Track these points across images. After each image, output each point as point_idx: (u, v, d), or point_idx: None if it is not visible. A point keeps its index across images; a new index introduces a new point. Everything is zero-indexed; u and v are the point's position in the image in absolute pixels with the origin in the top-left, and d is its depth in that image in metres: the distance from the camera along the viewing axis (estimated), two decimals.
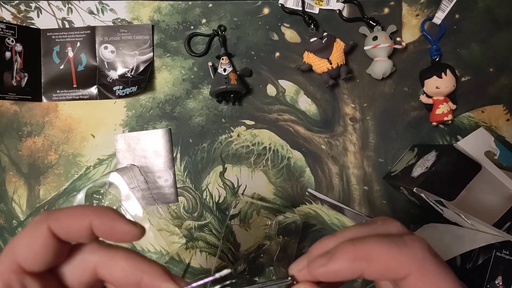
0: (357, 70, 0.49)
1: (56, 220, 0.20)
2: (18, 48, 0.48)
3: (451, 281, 0.20)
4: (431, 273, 0.20)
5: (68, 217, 0.20)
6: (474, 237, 0.33)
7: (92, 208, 0.21)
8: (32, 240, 0.20)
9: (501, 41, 0.49)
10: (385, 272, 0.20)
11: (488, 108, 0.49)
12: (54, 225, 0.20)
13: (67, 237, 0.20)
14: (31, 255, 0.20)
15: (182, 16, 0.50)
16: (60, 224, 0.20)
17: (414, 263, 0.20)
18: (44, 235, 0.20)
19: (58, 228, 0.20)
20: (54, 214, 0.20)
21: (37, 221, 0.20)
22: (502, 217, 0.41)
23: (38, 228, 0.20)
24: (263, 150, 0.49)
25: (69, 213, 0.21)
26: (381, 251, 0.20)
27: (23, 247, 0.20)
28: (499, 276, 0.39)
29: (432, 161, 0.41)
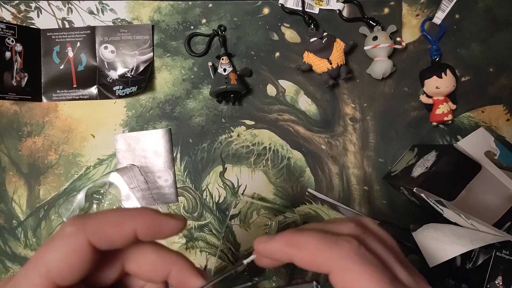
0: (357, 70, 0.49)
1: (97, 232, 0.19)
2: (18, 48, 0.48)
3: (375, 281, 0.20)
4: (353, 272, 0.20)
5: (109, 227, 0.19)
6: (474, 237, 0.33)
7: (132, 213, 0.20)
8: (69, 255, 0.18)
9: (501, 41, 0.49)
10: (310, 263, 0.21)
11: (488, 108, 0.49)
12: (94, 238, 0.19)
13: (109, 247, 0.19)
14: (68, 271, 0.18)
15: (182, 16, 0.50)
16: (102, 236, 0.19)
17: (337, 261, 0.21)
18: (84, 249, 0.18)
19: (99, 241, 0.19)
20: (93, 225, 0.19)
21: (73, 234, 0.18)
22: (502, 217, 0.41)
23: (75, 241, 0.18)
24: (263, 150, 0.49)
25: (110, 222, 0.19)
26: (310, 243, 0.21)
27: (59, 262, 0.18)
28: (499, 276, 0.39)
29: (432, 161, 0.41)
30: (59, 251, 0.18)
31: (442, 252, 0.34)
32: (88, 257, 0.18)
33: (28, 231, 0.49)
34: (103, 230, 0.19)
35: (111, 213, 0.20)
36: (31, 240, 0.49)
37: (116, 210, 0.20)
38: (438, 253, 0.34)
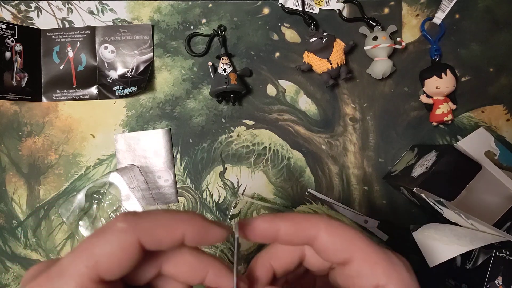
0: (357, 70, 0.49)
1: (148, 233, 0.19)
2: (18, 48, 0.48)
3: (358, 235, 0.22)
4: (338, 228, 0.22)
5: (160, 229, 0.19)
6: (474, 237, 0.33)
7: (184, 218, 0.20)
8: (118, 251, 0.18)
9: (501, 41, 0.49)
10: (298, 229, 0.22)
11: (488, 108, 0.49)
12: (144, 238, 0.19)
13: (156, 248, 0.19)
14: (115, 267, 0.18)
15: (182, 16, 0.50)
16: (152, 237, 0.19)
17: (321, 222, 0.22)
18: (133, 248, 0.19)
19: (148, 242, 0.19)
20: (143, 225, 0.19)
21: (125, 231, 0.19)
22: (502, 217, 0.41)
23: (126, 238, 0.18)
24: (263, 150, 0.49)
25: (160, 224, 0.19)
26: (294, 214, 0.23)
27: (107, 256, 0.18)
28: (499, 276, 0.39)
29: (432, 161, 0.41)
30: (110, 246, 0.18)
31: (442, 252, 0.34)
32: (136, 255, 0.19)
33: (28, 231, 0.49)
34: (154, 232, 0.19)
35: (162, 215, 0.20)
36: (31, 240, 0.49)
37: (167, 212, 0.20)
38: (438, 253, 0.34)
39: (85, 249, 0.19)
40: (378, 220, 0.48)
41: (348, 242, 0.22)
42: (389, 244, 0.48)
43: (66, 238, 0.49)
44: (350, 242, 0.21)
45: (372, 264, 0.21)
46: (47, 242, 0.49)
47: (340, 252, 0.22)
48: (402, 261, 0.22)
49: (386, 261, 0.21)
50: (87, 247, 0.19)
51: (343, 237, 0.22)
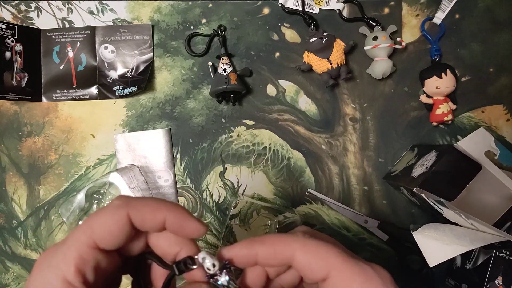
0: (357, 70, 0.49)
1: (135, 210, 0.22)
2: (18, 48, 0.48)
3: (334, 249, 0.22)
4: (313, 248, 0.23)
5: (146, 209, 0.22)
6: (474, 237, 0.33)
7: (167, 204, 0.23)
8: (110, 222, 0.21)
9: (501, 41, 0.49)
10: (273, 253, 0.23)
11: (488, 108, 0.49)
12: (133, 214, 0.22)
13: (140, 226, 0.22)
14: (107, 235, 0.21)
15: (182, 16, 0.50)
16: (139, 214, 0.22)
17: (297, 243, 0.23)
18: (123, 220, 0.21)
19: (135, 217, 0.22)
20: (134, 203, 0.22)
21: (118, 206, 0.22)
22: (502, 217, 0.41)
23: (118, 212, 0.22)
24: (263, 150, 0.49)
25: (147, 205, 0.22)
26: (270, 236, 0.24)
27: (102, 226, 0.21)
28: (499, 276, 0.39)
29: (432, 161, 0.41)
30: (104, 217, 0.22)
31: (442, 252, 0.34)
32: (125, 227, 0.22)
33: (28, 231, 0.49)
34: (140, 211, 0.22)
35: (151, 199, 0.23)
36: (31, 240, 0.49)
37: (155, 199, 0.23)
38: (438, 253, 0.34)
39: (86, 221, 0.22)
40: (378, 220, 0.48)
41: (323, 260, 0.22)
42: (389, 244, 0.48)
43: None
44: (325, 261, 0.22)
45: (347, 280, 0.22)
46: (47, 242, 0.49)
47: (317, 270, 0.22)
48: (379, 274, 0.22)
49: (361, 276, 0.22)
50: (87, 220, 0.22)
51: (318, 256, 0.22)
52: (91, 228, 0.21)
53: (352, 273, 0.22)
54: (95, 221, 0.22)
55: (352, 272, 0.22)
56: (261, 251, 0.23)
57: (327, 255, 0.22)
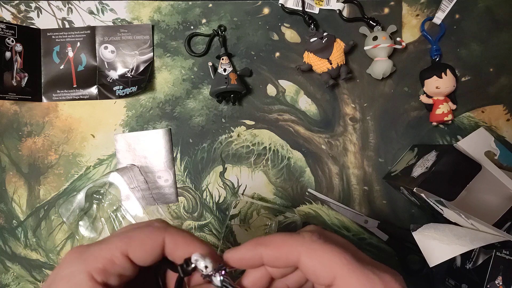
0: (357, 70, 0.49)
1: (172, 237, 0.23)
2: (18, 48, 0.48)
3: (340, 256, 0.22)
4: (319, 252, 0.22)
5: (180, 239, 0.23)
6: (474, 237, 0.33)
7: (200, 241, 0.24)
8: (148, 241, 0.23)
9: (501, 41, 0.49)
10: (278, 256, 0.23)
11: (488, 108, 0.49)
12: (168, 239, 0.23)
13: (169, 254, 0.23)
14: (141, 251, 0.22)
15: (182, 16, 0.50)
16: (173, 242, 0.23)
17: (303, 246, 0.22)
18: (158, 242, 0.23)
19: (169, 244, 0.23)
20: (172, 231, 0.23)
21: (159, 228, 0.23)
22: (502, 217, 0.41)
23: (157, 233, 0.23)
24: (263, 150, 0.49)
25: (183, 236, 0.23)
26: (276, 239, 0.23)
27: (139, 241, 0.22)
28: (499, 276, 0.39)
29: (432, 161, 0.41)
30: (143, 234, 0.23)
31: (442, 252, 0.34)
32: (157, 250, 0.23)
33: (28, 231, 0.49)
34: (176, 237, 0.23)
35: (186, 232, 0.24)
36: (31, 240, 0.49)
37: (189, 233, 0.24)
38: (438, 253, 0.34)
39: (127, 231, 0.23)
40: (378, 220, 0.48)
41: (329, 266, 0.22)
42: (389, 244, 0.48)
43: (66, 238, 0.49)
44: (330, 268, 0.22)
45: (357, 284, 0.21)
46: (47, 242, 0.49)
47: (322, 277, 0.22)
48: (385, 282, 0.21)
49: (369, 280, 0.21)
50: (128, 230, 0.23)
51: (323, 262, 0.22)
52: (129, 239, 0.22)
53: (357, 283, 0.21)
54: (135, 234, 0.23)
55: (358, 283, 0.21)
56: (266, 253, 0.23)
57: (333, 262, 0.22)
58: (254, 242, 0.24)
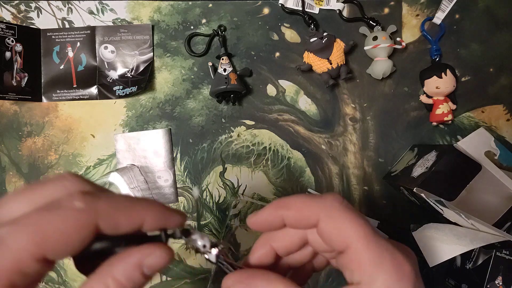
0: (357, 70, 0.49)
1: (107, 217, 0.18)
2: (18, 48, 0.48)
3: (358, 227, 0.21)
4: (337, 219, 0.22)
5: (121, 215, 0.18)
6: (474, 237, 0.33)
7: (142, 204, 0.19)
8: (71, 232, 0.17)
9: (501, 41, 0.49)
10: (299, 218, 0.23)
11: (488, 108, 0.49)
12: (103, 222, 0.17)
13: (112, 233, 0.18)
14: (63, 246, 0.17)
15: (182, 16, 0.50)
16: (111, 221, 0.18)
17: (323, 210, 0.22)
18: (88, 230, 0.17)
19: (106, 225, 0.18)
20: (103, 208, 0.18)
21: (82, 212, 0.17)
22: (502, 217, 0.41)
23: (83, 220, 0.17)
24: (263, 150, 0.49)
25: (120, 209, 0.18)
26: (298, 201, 0.23)
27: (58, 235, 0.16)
28: (499, 276, 0.39)
29: (432, 161, 0.41)
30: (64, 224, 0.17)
31: (442, 252, 0.34)
32: (89, 238, 0.17)
33: None
34: (113, 216, 0.18)
35: (123, 200, 0.19)
36: None
37: (127, 198, 0.19)
38: (438, 253, 0.34)
39: (34, 223, 0.16)
40: (378, 220, 0.48)
41: (344, 235, 0.21)
42: None
43: None
44: (346, 236, 0.21)
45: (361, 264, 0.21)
46: None
47: (335, 243, 0.22)
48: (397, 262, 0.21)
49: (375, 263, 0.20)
50: (36, 221, 0.16)
51: (340, 229, 0.21)
52: (42, 235, 0.16)
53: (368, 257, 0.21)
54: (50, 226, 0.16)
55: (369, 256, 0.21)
56: (287, 216, 0.23)
57: (350, 232, 0.21)
58: (276, 204, 0.24)
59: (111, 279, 0.18)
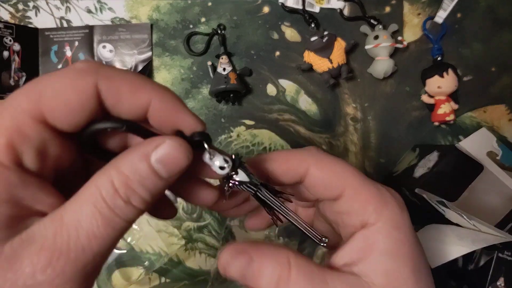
0: (358, 70, 0.49)
1: (108, 80, 0.16)
2: (16, 47, 0.48)
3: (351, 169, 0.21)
4: (328, 164, 0.21)
5: (124, 83, 0.16)
6: (476, 238, 0.33)
7: (153, 84, 0.17)
8: (69, 90, 0.15)
9: (503, 41, 0.49)
10: (286, 168, 0.21)
11: (490, 108, 0.48)
12: (104, 85, 0.16)
13: (112, 105, 0.16)
14: (62, 107, 0.15)
15: (181, 15, 0.50)
16: (113, 86, 0.16)
17: (311, 157, 0.21)
18: (88, 90, 0.15)
19: (107, 91, 0.16)
20: (107, 72, 0.16)
21: (83, 71, 0.16)
22: (504, 218, 0.41)
23: (82, 77, 0.16)
24: (263, 151, 0.49)
25: (127, 79, 0.16)
26: (281, 153, 0.22)
27: (55, 93, 0.15)
28: (501, 278, 0.39)
29: (434, 161, 0.40)
30: (60, 82, 0.15)
31: (443, 253, 0.33)
32: (90, 103, 0.16)
33: None
34: (115, 83, 0.16)
35: (132, 74, 0.17)
36: None
37: (136, 74, 0.17)
38: (440, 254, 0.34)
39: (33, 83, 0.16)
40: None
41: (338, 178, 0.21)
42: None
43: None
44: (340, 178, 0.21)
45: (363, 201, 0.20)
46: None
47: (330, 188, 0.21)
48: (395, 198, 0.21)
49: (377, 198, 0.20)
50: (36, 81, 0.16)
51: (333, 173, 0.21)
52: (38, 93, 0.15)
53: (368, 195, 0.20)
54: (47, 84, 0.15)
55: (369, 194, 0.20)
56: (273, 168, 0.21)
57: (343, 173, 0.21)
58: (259, 158, 0.21)
59: (115, 170, 0.16)
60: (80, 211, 0.15)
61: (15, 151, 0.15)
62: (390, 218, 0.20)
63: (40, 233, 0.15)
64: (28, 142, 0.15)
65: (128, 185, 0.16)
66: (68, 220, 0.15)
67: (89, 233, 0.15)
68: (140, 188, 0.16)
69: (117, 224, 0.16)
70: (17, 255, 0.14)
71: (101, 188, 0.15)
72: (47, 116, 0.15)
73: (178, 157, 0.16)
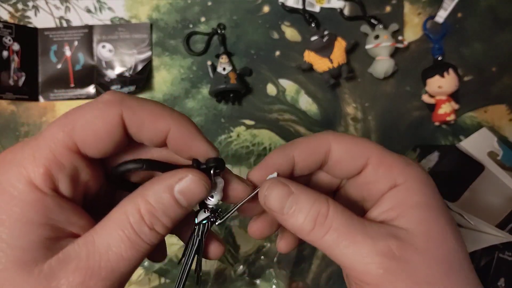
0: (358, 69, 0.49)
1: (132, 110, 0.18)
2: (15, 47, 0.47)
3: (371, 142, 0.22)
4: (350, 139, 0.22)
5: (146, 113, 0.18)
6: (476, 238, 0.33)
7: (172, 112, 0.19)
8: (98, 121, 0.17)
9: (504, 40, 0.48)
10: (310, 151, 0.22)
11: (491, 108, 0.48)
12: (128, 116, 0.18)
13: (135, 133, 0.18)
14: (92, 137, 0.17)
15: (181, 15, 0.49)
16: (136, 117, 0.18)
17: (331, 135, 0.22)
18: (114, 120, 0.17)
19: (131, 120, 0.18)
20: (130, 103, 0.18)
21: (109, 102, 0.18)
22: (505, 218, 0.41)
23: (108, 109, 0.17)
24: (263, 151, 0.49)
25: (148, 109, 0.18)
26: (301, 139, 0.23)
27: (86, 124, 0.17)
28: (501, 278, 0.39)
29: (434, 161, 0.40)
30: (90, 114, 0.17)
31: None
32: (116, 132, 0.18)
33: None
34: (138, 114, 0.18)
35: (152, 102, 0.19)
36: None
37: (158, 103, 0.19)
38: None
39: (66, 115, 0.18)
40: None
41: (360, 148, 0.21)
42: None
43: None
44: (363, 148, 0.21)
45: (388, 166, 0.21)
46: None
47: (355, 159, 0.21)
48: (418, 163, 0.22)
49: (402, 161, 0.21)
50: (67, 114, 0.18)
51: (355, 145, 0.22)
52: (72, 125, 0.17)
53: (392, 160, 0.21)
54: (78, 117, 0.17)
55: (393, 159, 0.21)
56: (297, 153, 0.22)
57: (365, 143, 0.22)
58: (280, 148, 0.22)
59: (142, 199, 0.18)
60: (110, 235, 0.17)
61: (52, 178, 0.17)
62: (418, 176, 0.20)
63: (75, 254, 0.17)
64: (63, 170, 0.17)
65: (153, 213, 0.18)
66: (99, 243, 0.17)
67: (118, 255, 0.17)
68: (164, 217, 0.18)
69: (142, 247, 0.18)
70: (55, 274, 0.16)
71: (129, 215, 0.18)
72: (79, 145, 0.18)
73: (199, 189, 0.19)
